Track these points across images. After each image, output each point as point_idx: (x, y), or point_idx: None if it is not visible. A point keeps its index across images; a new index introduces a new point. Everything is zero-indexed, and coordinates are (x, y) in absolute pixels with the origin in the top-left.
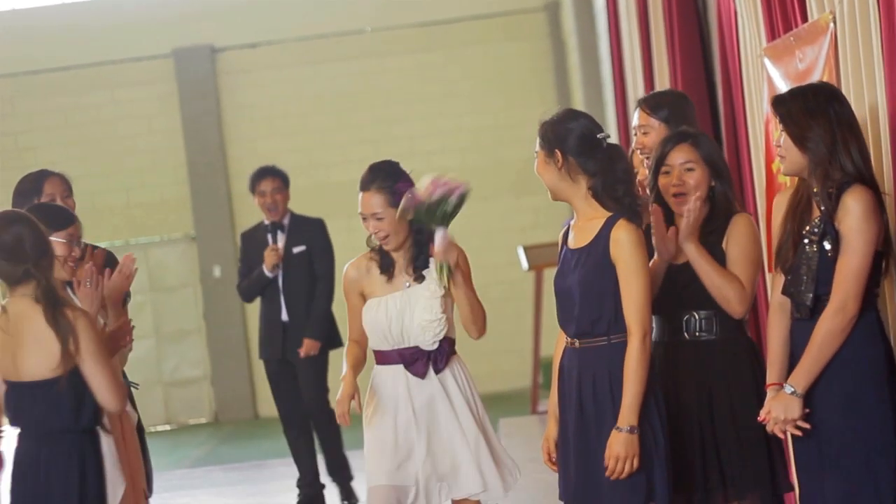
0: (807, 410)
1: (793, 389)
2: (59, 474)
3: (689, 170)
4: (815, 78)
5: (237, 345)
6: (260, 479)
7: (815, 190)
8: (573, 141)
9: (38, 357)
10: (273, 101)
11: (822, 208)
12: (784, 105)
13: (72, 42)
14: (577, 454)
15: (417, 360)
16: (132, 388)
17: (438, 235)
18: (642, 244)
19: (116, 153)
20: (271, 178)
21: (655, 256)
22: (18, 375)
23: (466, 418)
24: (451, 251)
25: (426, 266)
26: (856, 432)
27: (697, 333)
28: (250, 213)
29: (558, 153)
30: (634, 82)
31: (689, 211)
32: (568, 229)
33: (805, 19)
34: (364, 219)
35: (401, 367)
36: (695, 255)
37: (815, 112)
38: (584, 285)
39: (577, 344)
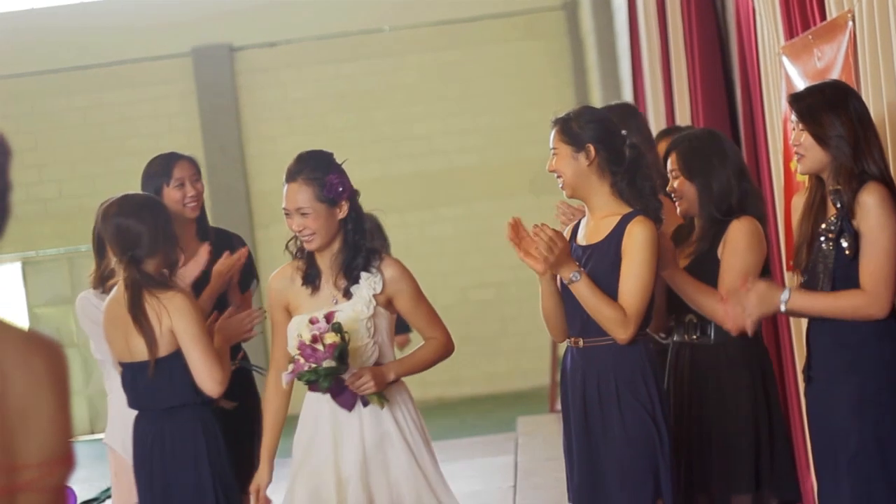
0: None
1: (785, 299)
2: (186, 446)
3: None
4: (833, 76)
5: None
6: None
7: (829, 188)
8: (604, 136)
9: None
10: (292, 99)
11: (839, 206)
12: (803, 102)
13: (91, 41)
14: (580, 455)
15: (345, 391)
16: (256, 373)
17: (346, 377)
18: (656, 243)
19: (136, 152)
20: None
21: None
22: (132, 356)
23: (404, 461)
24: (366, 383)
25: (356, 281)
26: (871, 433)
27: (693, 336)
28: (269, 211)
29: (591, 148)
30: (653, 81)
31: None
32: (577, 226)
33: (823, 17)
34: (287, 215)
35: (327, 396)
36: (671, 279)
37: (837, 109)
38: (596, 282)
39: (580, 343)
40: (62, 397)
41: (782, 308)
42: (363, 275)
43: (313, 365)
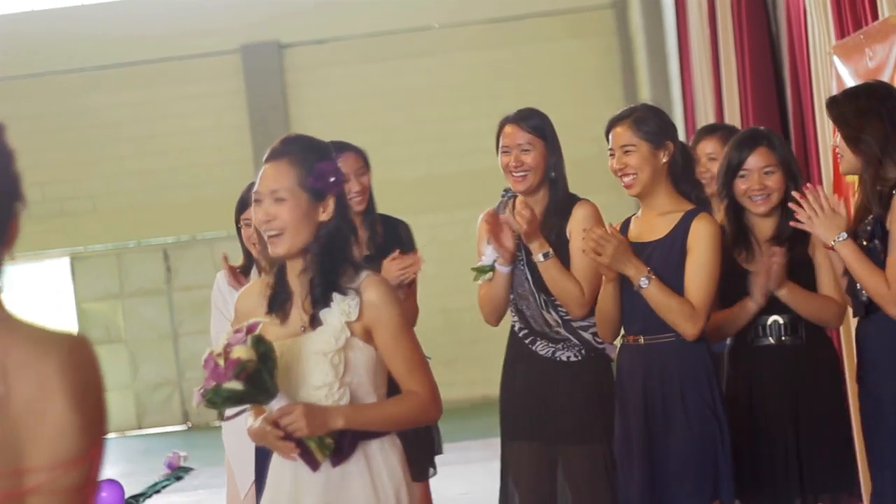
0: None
1: (842, 238)
2: None
3: (769, 173)
4: (885, 76)
5: None
6: None
7: (867, 190)
8: (675, 134)
9: None
10: (340, 97)
11: (874, 208)
12: (837, 107)
13: (141, 38)
14: (641, 454)
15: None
16: None
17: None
18: (720, 242)
19: (184, 149)
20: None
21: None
22: None
23: None
24: (296, 423)
25: (326, 304)
26: None
27: (783, 338)
28: None
29: (671, 145)
30: (702, 80)
31: (773, 264)
32: (627, 223)
33: (875, 17)
34: (257, 201)
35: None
36: (789, 299)
37: (868, 112)
38: (660, 278)
39: (641, 340)
40: (77, 396)
41: (838, 239)
42: (336, 297)
43: (213, 383)
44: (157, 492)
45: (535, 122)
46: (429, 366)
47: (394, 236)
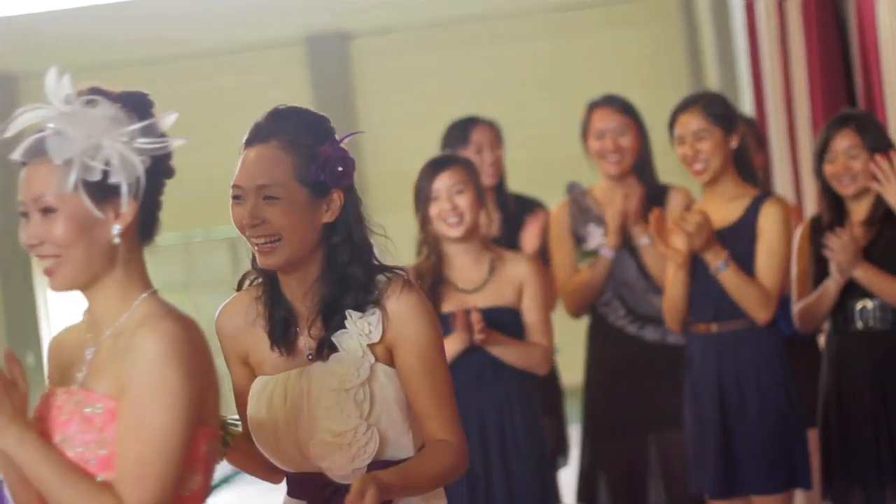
0: None
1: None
2: None
3: (854, 156)
4: None
5: None
6: None
7: None
8: (740, 119)
9: None
10: (405, 87)
11: None
12: None
13: (205, 28)
14: (715, 441)
15: (332, 499)
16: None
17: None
18: (791, 225)
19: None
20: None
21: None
22: None
23: None
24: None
25: (342, 325)
26: None
27: (871, 323)
28: (383, 198)
29: (740, 129)
30: (772, 67)
31: (844, 245)
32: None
33: None
34: (237, 198)
35: None
36: (864, 279)
37: None
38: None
39: (713, 328)
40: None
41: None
42: (351, 314)
43: None
44: (227, 482)
45: (626, 105)
46: (454, 404)
47: (528, 214)
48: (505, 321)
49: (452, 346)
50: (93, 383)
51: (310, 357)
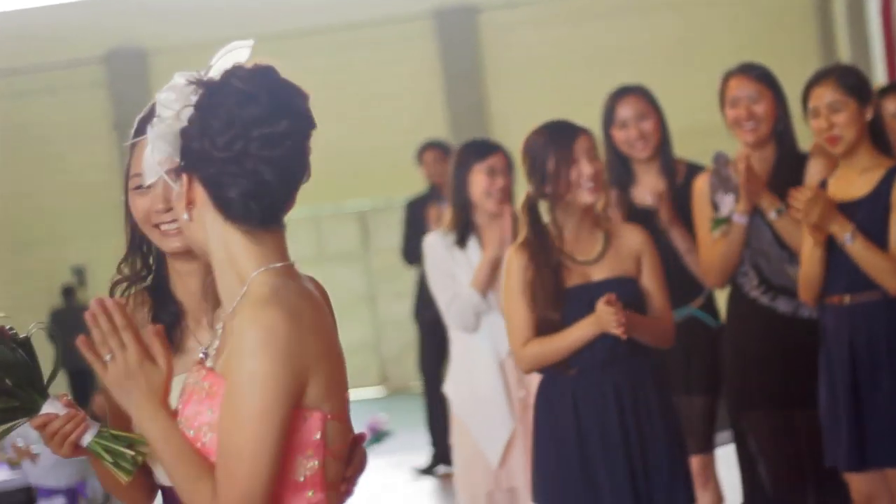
0: None
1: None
2: None
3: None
4: None
5: None
6: None
7: None
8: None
9: None
10: (535, 59)
11: None
12: None
13: (335, 2)
14: (848, 414)
15: None
16: None
17: None
18: None
19: (378, 115)
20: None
21: None
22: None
23: None
24: None
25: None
26: None
27: None
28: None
29: (874, 101)
30: None
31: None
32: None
33: None
34: (138, 190)
35: None
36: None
37: None
38: (865, 235)
39: (846, 300)
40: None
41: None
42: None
43: None
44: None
45: (762, 72)
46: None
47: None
48: (625, 292)
49: (589, 329)
50: (214, 361)
51: (202, 355)
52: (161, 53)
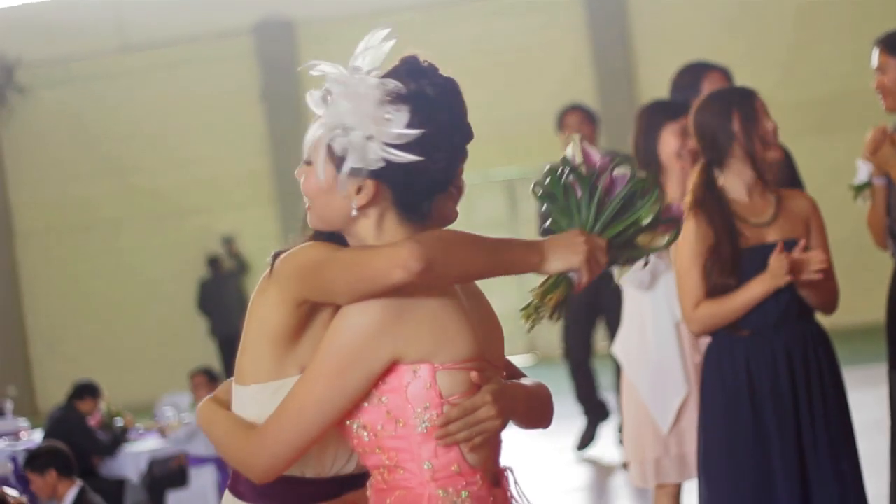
0: None
1: None
2: None
3: None
4: None
5: None
6: None
7: None
8: None
9: None
10: (682, 24)
11: None
12: None
13: None
14: None
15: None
16: None
17: None
18: None
19: (526, 82)
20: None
21: None
22: None
23: None
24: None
25: None
26: None
27: None
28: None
29: None
30: None
31: None
32: None
33: None
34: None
35: None
36: None
37: None
38: None
39: None
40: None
41: None
42: None
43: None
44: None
45: (890, 44)
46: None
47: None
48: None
49: (762, 287)
50: None
51: None
52: (308, 24)
